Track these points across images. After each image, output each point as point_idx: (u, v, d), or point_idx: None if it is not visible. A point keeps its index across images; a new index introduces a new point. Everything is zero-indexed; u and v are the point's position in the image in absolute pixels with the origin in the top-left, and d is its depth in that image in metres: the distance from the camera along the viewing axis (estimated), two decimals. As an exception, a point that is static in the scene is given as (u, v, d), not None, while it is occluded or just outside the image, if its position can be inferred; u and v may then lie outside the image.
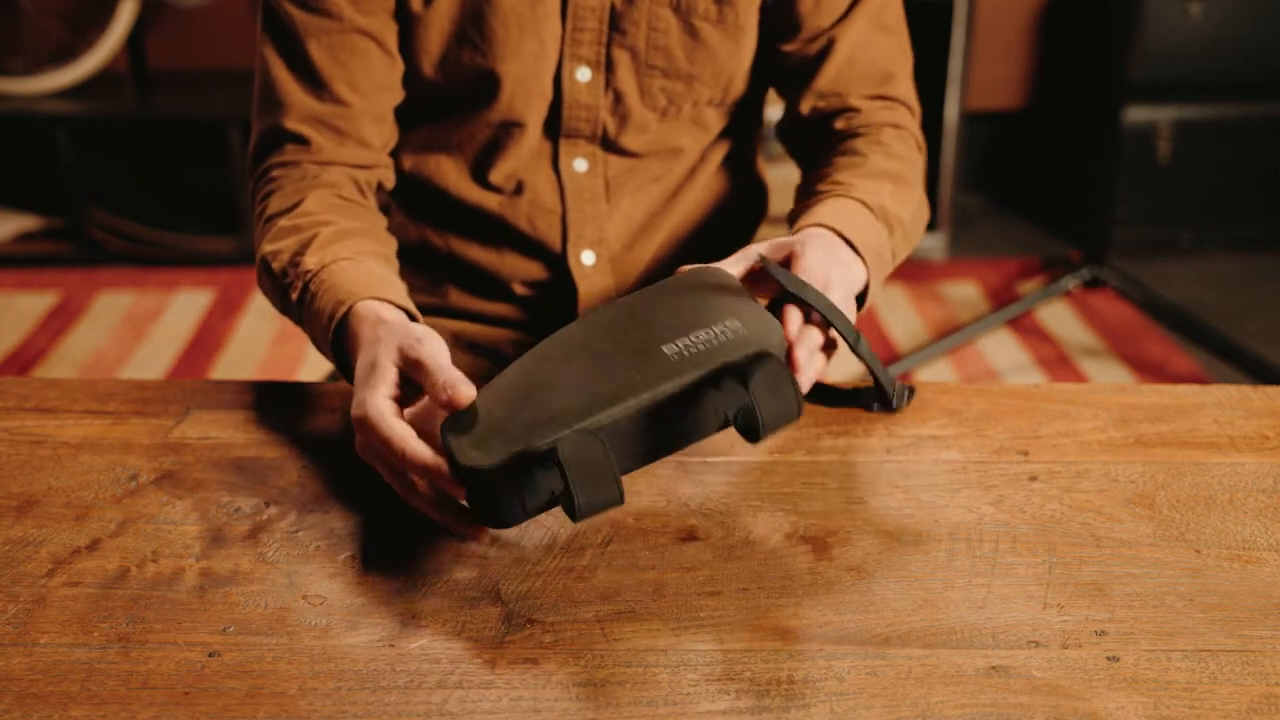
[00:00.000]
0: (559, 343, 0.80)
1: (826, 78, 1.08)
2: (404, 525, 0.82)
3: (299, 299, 0.94)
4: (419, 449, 0.76)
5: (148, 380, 1.01)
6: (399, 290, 0.93)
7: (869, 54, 1.08)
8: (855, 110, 1.08)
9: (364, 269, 0.93)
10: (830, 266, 0.88)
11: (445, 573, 0.77)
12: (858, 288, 0.92)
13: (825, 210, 0.96)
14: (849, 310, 0.89)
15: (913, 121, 1.11)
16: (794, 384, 0.75)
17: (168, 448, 0.91)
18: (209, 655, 0.70)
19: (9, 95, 3.02)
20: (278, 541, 0.81)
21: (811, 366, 0.85)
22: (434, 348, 0.80)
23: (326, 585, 0.76)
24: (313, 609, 0.74)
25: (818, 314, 0.85)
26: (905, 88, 1.11)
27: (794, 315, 0.84)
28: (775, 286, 0.86)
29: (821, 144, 1.10)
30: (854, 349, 0.86)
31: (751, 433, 0.75)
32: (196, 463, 0.89)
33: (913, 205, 1.04)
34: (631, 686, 0.68)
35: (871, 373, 0.91)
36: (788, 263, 0.88)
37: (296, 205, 0.99)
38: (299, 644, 0.71)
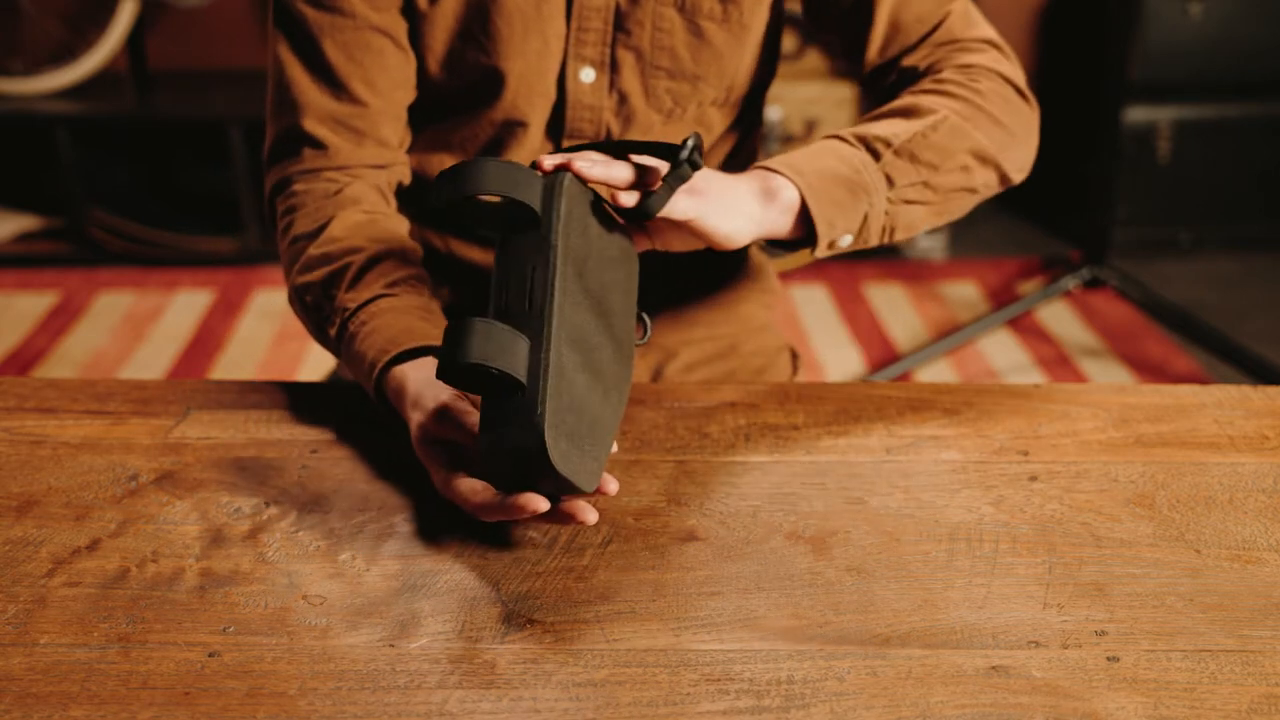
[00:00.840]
0: None
1: (875, 46, 1.05)
2: (404, 525, 0.82)
3: (337, 336, 0.95)
4: (487, 497, 0.77)
5: (148, 380, 1.01)
6: (434, 323, 0.93)
7: (911, 11, 1.04)
8: (913, 67, 1.05)
9: (401, 308, 0.93)
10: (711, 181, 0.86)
11: (445, 573, 0.77)
12: (774, 195, 0.89)
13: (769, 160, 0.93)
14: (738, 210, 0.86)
15: (987, 54, 1.03)
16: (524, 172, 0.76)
17: (168, 448, 0.91)
18: (209, 655, 0.70)
19: (9, 95, 3.03)
20: (278, 541, 0.81)
21: (606, 170, 0.81)
22: (446, 423, 0.81)
23: (326, 585, 0.76)
24: (313, 609, 0.74)
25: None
26: (961, 25, 1.04)
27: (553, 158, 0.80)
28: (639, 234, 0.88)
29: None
30: (628, 146, 0.83)
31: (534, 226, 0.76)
32: (196, 463, 0.89)
33: (920, 126, 0.96)
34: (631, 686, 0.68)
35: (654, 151, 0.85)
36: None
37: (323, 229, 0.99)
38: (299, 644, 0.71)
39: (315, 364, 2.59)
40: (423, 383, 0.86)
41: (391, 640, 0.71)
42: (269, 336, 2.73)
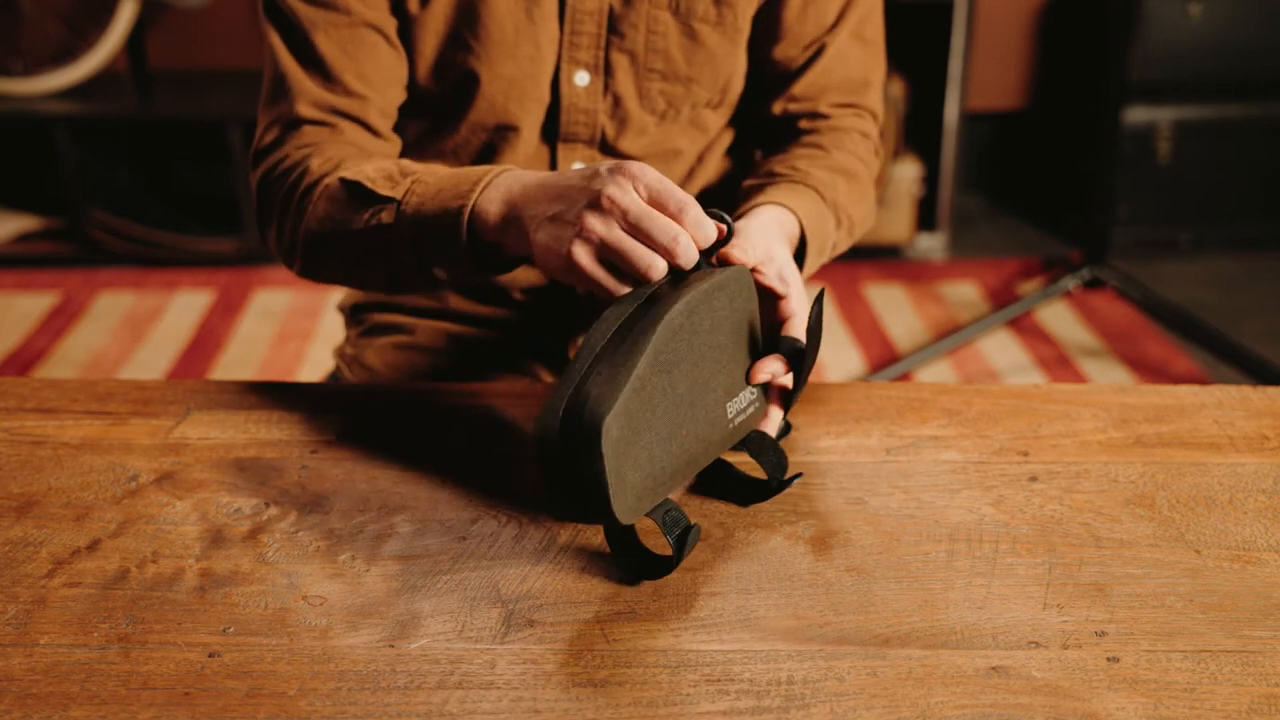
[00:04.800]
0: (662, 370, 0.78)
1: (803, 84, 1.10)
2: (404, 525, 0.82)
3: (406, 192, 0.90)
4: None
5: (148, 380, 1.01)
6: None
7: (847, 66, 1.10)
8: (825, 116, 1.11)
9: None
10: (772, 242, 0.90)
11: (445, 573, 0.77)
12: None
13: (781, 192, 0.99)
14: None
15: (875, 130, 1.15)
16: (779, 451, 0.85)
17: (168, 448, 0.91)
18: (209, 655, 0.70)
19: (9, 95, 3.03)
20: (278, 542, 0.81)
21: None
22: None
23: (326, 585, 0.76)
24: (313, 609, 0.74)
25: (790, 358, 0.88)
26: (875, 97, 1.14)
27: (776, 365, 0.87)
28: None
29: (785, 139, 1.12)
30: (794, 393, 0.89)
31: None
32: (196, 463, 0.89)
33: (865, 206, 1.10)
34: (631, 686, 0.68)
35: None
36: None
37: (364, 158, 0.98)
38: (299, 644, 0.71)
39: (315, 364, 2.59)
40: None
41: (391, 640, 0.71)
42: (269, 336, 2.73)
